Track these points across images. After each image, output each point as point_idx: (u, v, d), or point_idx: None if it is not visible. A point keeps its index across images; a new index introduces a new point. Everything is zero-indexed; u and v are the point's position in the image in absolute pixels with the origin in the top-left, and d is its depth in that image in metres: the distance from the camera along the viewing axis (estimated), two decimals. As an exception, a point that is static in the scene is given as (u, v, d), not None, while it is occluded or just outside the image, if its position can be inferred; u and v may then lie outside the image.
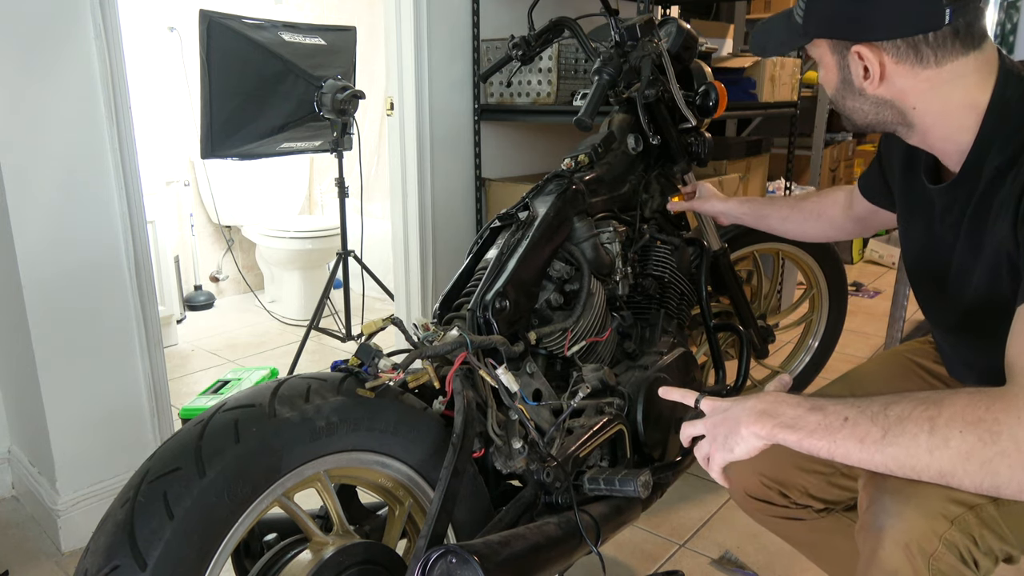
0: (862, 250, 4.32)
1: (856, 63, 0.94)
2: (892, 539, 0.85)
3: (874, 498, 0.89)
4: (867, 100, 0.96)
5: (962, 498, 0.84)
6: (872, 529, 0.88)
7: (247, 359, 3.06)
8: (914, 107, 0.94)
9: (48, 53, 1.59)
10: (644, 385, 1.39)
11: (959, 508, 0.84)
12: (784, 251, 2.11)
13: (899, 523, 0.85)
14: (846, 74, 0.96)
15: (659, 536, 1.78)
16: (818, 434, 0.80)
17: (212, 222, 3.80)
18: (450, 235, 2.59)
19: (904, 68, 0.91)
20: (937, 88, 0.92)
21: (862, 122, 1.00)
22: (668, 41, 1.59)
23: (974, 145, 0.93)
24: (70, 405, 1.73)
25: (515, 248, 1.31)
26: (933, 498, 0.84)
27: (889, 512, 0.86)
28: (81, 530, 1.76)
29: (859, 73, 0.94)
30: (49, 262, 1.65)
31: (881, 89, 0.94)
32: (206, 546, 0.86)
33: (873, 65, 0.92)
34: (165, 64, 3.49)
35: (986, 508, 0.85)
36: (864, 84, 0.94)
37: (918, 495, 0.85)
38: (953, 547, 0.83)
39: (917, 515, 0.84)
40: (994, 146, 0.91)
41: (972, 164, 0.94)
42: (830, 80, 0.99)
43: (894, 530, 0.85)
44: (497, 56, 2.44)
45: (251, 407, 0.94)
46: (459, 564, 0.95)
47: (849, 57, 0.94)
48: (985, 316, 0.96)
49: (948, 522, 0.83)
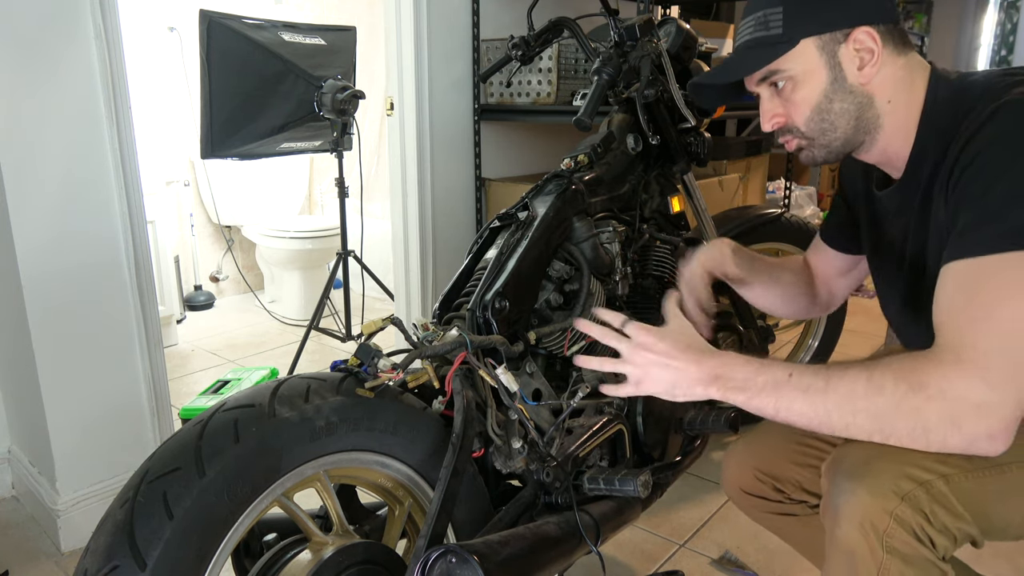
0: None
1: (852, 54, 0.95)
2: (847, 518, 0.86)
3: (832, 479, 0.90)
4: (855, 99, 0.97)
5: (912, 474, 0.85)
6: (830, 510, 0.89)
7: (247, 359, 3.06)
8: (889, 100, 0.97)
9: (48, 53, 1.59)
10: (644, 385, 1.38)
11: (909, 484, 0.85)
12: (784, 251, 2.12)
13: (852, 500, 0.86)
14: (838, 72, 0.96)
15: (659, 536, 1.78)
16: (766, 392, 0.87)
17: (212, 222, 3.80)
18: (450, 235, 2.59)
19: (888, 52, 0.95)
20: (907, 75, 0.96)
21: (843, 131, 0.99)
22: (668, 41, 1.59)
23: (914, 146, 0.97)
24: (70, 405, 1.73)
25: (515, 248, 1.31)
26: (883, 475, 0.86)
27: (843, 491, 0.87)
28: (81, 530, 1.76)
29: (854, 64, 0.95)
30: (49, 262, 1.65)
31: (873, 82, 0.96)
32: (206, 546, 0.86)
33: (876, 47, 0.93)
34: (165, 64, 3.49)
35: (935, 484, 0.85)
36: (858, 76, 0.95)
37: (870, 473, 0.86)
38: (905, 523, 0.84)
39: (867, 493, 0.85)
40: (931, 144, 0.95)
41: (913, 163, 0.98)
42: (814, 89, 0.97)
43: (848, 507, 0.86)
44: (497, 56, 2.44)
45: (251, 407, 0.94)
46: (459, 564, 0.95)
47: (843, 48, 0.95)
48: None
49: (898, 499, 0.84)
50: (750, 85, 1.04)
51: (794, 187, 3.32)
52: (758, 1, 1.00)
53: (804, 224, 2.14)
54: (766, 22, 0.97)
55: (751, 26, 1.00)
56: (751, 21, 1.00)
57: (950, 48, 4.69)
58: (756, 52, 0.99)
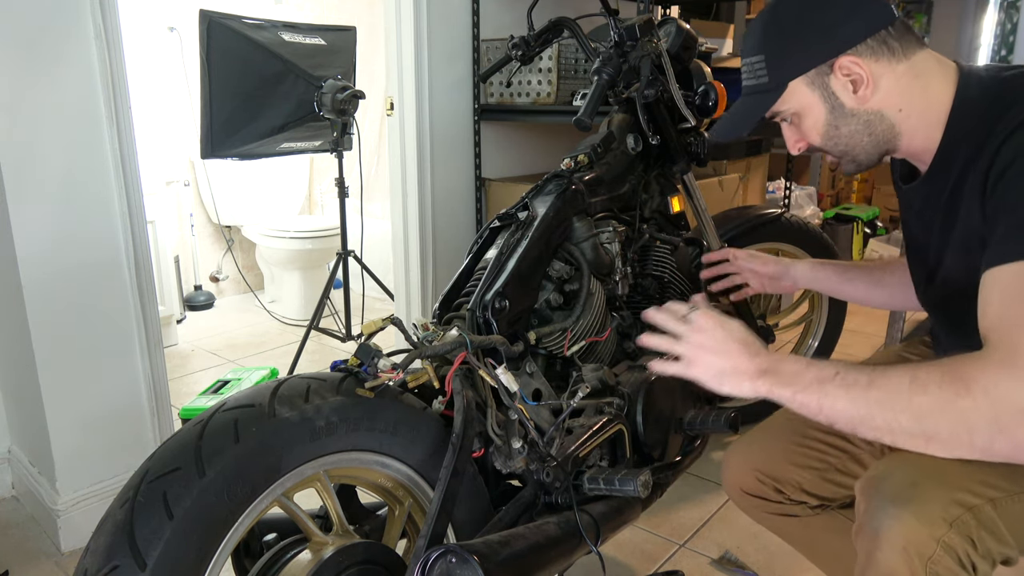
0: (862, 250, 4.32)
1: (842, 81, 0.96)
2: (889, 542, 0.85)
3: (871, 501, 0.89)
4: (860, 120, 0.98)
5: (961, 499, 0.84)
6: (869, 532, 0.88)
7: (247, 359, 3.06)
8: (900, 109, 0.97)
9: (48, 53, 1.59)
10: (644, 385, 1.39)
11: (958, 510, 0.84)
12: (784, 251, 2.11)
13: (897, 526, 0.85)
14: (834, 101, 0.98)
15: (659, 536, 1.78)
16: (811, 388, 0.86)
17: (212, 222, 3.80)
18: (450, 235, 2.59)
19: (883, 66, 0.95)
20: (915, 81, 0.96)
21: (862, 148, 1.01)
22: (667, 41, 1.59)
23: (943, 141, 0.97)
24: (70, 405, 1.73)
25: (515, 248, 1.31)
26: (932, 501, 0.84)
27: (887, 515, 0.86)
28: (81, 530, 1.76)
29: (847, 89, 0.96)
30: (49, 262, 1.65)
31: (873, 100, 0.96)
32: (206, 546, 0.86)
33: (863, 71, 0.94)
34: (165, 64, 3.49)
35: (983, 509, 0.85)
36: (855, 99, 0.96)
37: (917, 498, 0.85)
38: (951, 550, 0.83)
39: (914, 519, 0.84)
40: (962, 141, 0.94)
41: (942, 159, 0.98)
42: (817, 120, 1.00)
43: (892, 533, 0.85)
44: (497, 56, 2.44)
45: (251, 407, 0.94)
46: (459, 564, 0.95)
47: (832, 79, 0.96)
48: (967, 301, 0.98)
49: (947, 525, 0.83)
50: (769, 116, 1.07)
51: (794, 187, 3.32)
52: (747, 47, 1.03)
53: (804, 224, 2.14)
54: (754, 71, 1.02)
55: (744, 73, 1.05)
56: (745, 67, 1.04)
57: (950, 48, 4.69)
58: (753, 100, 1.04)
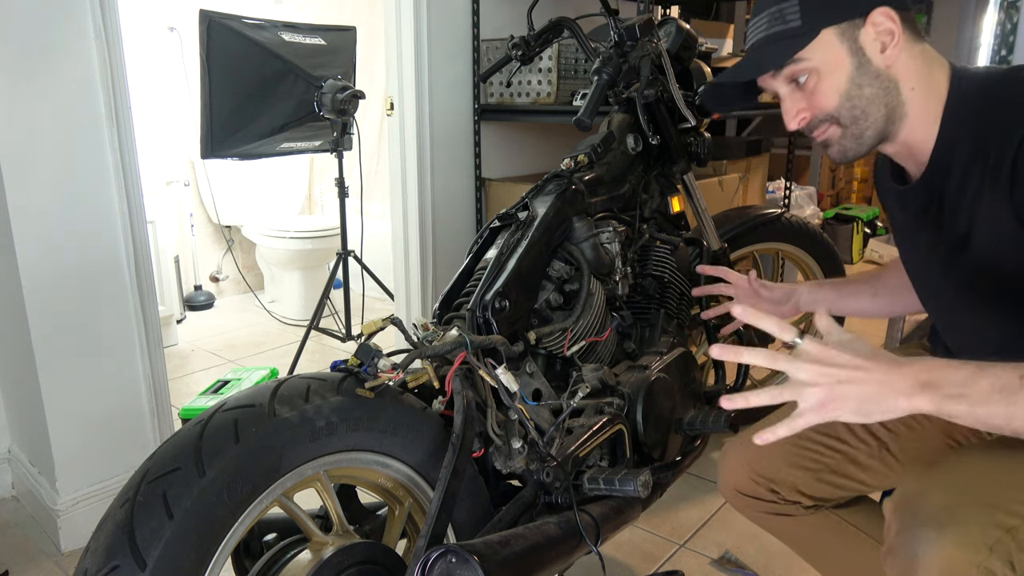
0: (862, 250, 4.32)
1: (872, 36, 0.93)
2: (927, 568, 0.82)
3: (905, 523, 0.86)
4: (882, 83, 0.95)
5: (1000, 520, 0.82)
6: (904, 555, 0.85)
7: (247, 359, 3.06)
8: (913, 87, 0.96)
9: (48, 53, 1.59)
10: (644, 385, 1.39)
11: (997, 532, 0.81)
12: (784, 251, 2.11)
13: (935, 551, 0.81)
14: (862, 58, 0.94)
15: (659, 536, 1.78)
16: (994, 399, 0.75)
17: (212, 222, 3.80)
18: (450, 235, 2.59)
19: (906, 39, 0.94)
20: (925, 66, 0.95)
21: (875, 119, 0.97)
22: (667, 41, 1.59)
23: (938, 140, 0.96)
24: (70, 405, 1.73)
25: (515, 248, 1.31)
26: (971, 524, 0.81)
27: (925, 540, 0.83)
28: (81, 530, 1.76)
29: (877, 47, 0.94)
30: (49, 262, 1.65)
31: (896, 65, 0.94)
32: (206, 546, 0.86)
33: (895, 27, 0.92)
34: (165, 64, 3.49)
35: (1022, 530, 0.82)
36: (882, 58, 0.94)
37: (955, 521, 0.82)
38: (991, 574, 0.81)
39: (954, 545, 0.81)
40: (958, 141, 0.94)
41: (938, 160, 0.97)
42: (839, 78, 0.95)
43: (930, 558, 0.82)
44: (497, 56, 2.44)
45: (251, 407, 0.94)
46: (459, 564, 0.95)
47: (863, 32, 0.93)
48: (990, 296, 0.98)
49: (988, 550, 0.80)
50: (767, 84, 1.02)
51: (794, 187, 3.32)
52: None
53: (804, 224, 2.14)
54: (782, 16, 0.95)
55: (765, 22, 0.97)
56: (764, 17, 0.97)
57: (950, 48, 4.69)
58: (777, 47, 0.96)
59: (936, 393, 0.76)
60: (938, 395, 0.76)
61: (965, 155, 0.93)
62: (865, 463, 1.18)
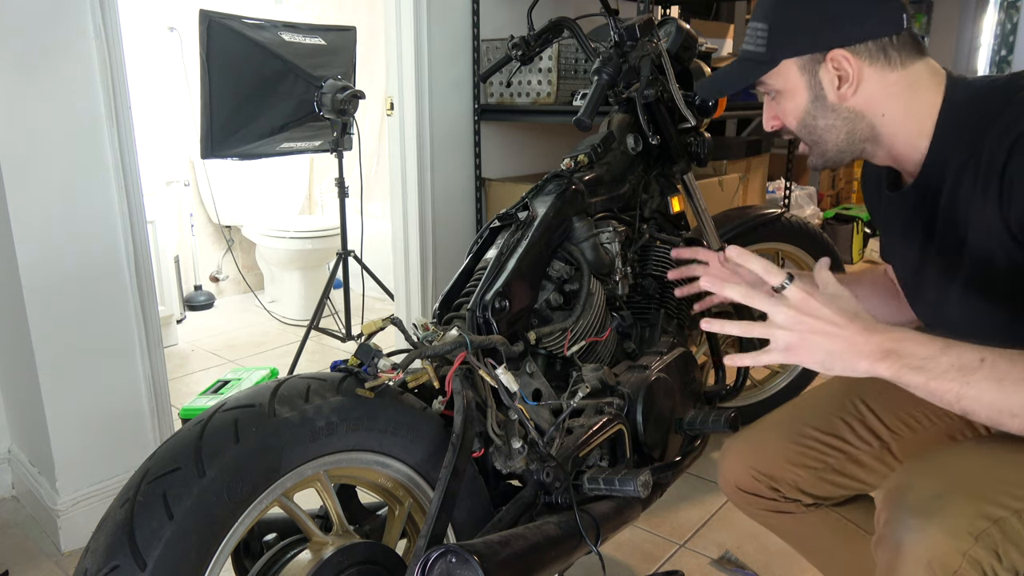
0: (862, 250, 4.32)
1: (830, 73, 0.97)
2: (913, 555, 0.83)
3: (894, 513, 0.87)
4: (840, 115, 0.99)
5: (987, 511, 0.82)
6: (891, 544, 0.86)
7: (247, 359, 3.06)
8: (883, 114, 0.98)
9: (48, 53, 1.59)
10: (644, 385, 1.39)
11: (984, 522, 0.82)
12: (784, 251, 2.11)
13: (921, 539, 0.83)
14: (818, 91, 0.99)
15: (659, 536, 1.79)
16: (950, 375, 0.78)
17: (212, 222, 3.80)
18: (450, 235, 2.59)
19: (875, 71, 0.96)
20: (904, 91, 0.97)
21: (834, 144, 1.02)
22: (667, 41, 1.59)
23: (931, 147, 0.97)
24: (70, 405, 1.73)
25: (515, 248, 1.31)
26: (959, 514, 0.82)
27: (910, 528, 0.84)
28: (81, 530, 1.76)
29: (833, 83, 0.97)
30: (49, 262, 1.65)
31: (855, 98, 0.97)
32: (206, 546, 0.86)
33: (851, 69, 0.95)
34: (165, 64, 3.49)
35: (1009, 521, 0.83)
36: (837, 95, 0.97)
37: (942, 511, 0.83)
38: (976, 564, 0.81)
39: (940, 532, 0.82)
40: (950, 147, 0.95)
41: (931, 165, 0.98)
42: (797, 105, 1.01)
43: (916, 546, 0.83)
44: (497, 56, 2.44)
45: (251, 407, 0.94)
46: (459, 564, 0.95)
47: (822, 69, 0.97)
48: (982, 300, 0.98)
49: (973, 539, 0.81)
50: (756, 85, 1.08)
51: (794, 187, 3.33)
52: (757, 12, 1.03)
53: (804, 224, 2.14)
54: (755, 38, 1.01)
55: (747, 36, 1.04)
56: (750, 31, 1.04)
57: (950, 48, 4.69)
58: (744, 66, 1.04)
59: (897, 362, 0.80)
60: (897, 364, 0.80)
61: (958, 162, 0.94)
62: (867, 463, 1.18)
